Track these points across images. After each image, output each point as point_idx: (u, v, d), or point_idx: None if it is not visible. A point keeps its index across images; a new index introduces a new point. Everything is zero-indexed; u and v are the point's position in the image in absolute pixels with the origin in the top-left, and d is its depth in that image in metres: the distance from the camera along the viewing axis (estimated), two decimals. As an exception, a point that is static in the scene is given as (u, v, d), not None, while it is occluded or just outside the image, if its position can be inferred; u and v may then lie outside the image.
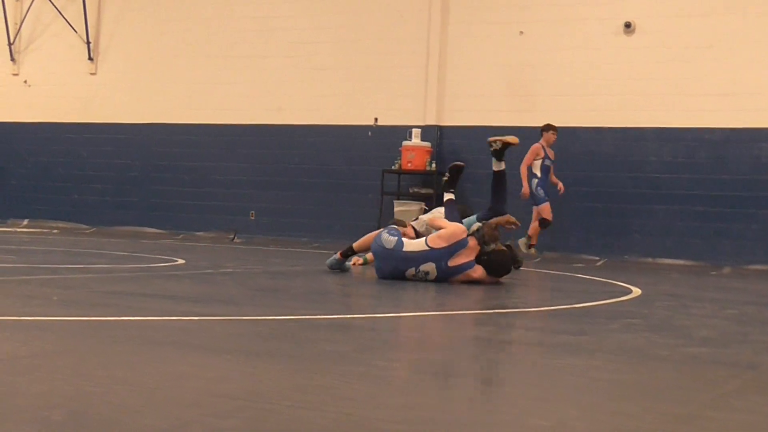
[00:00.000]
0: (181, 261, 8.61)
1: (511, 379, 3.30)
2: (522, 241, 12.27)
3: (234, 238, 14.30)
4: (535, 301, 6.26)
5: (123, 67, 16.01)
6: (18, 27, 16.75)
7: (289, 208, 14.61)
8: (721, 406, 2.91)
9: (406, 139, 13.43)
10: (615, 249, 12.61)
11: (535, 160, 12.17)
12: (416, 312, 5.72)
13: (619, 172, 12.78)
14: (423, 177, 13.62)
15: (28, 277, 6.20)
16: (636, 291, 7.24)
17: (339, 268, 7.93)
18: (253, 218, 14.81)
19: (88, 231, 15.20)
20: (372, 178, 13.93)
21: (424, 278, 7.12)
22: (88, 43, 16.11)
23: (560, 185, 12.42)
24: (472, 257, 7.13)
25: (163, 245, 11.86)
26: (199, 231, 14.90)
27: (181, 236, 14.53)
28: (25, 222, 16.16)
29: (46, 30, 16.64)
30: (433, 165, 13.38)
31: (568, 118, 13.01)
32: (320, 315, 4.80)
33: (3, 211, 16.46)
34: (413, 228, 8.20)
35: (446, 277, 7.11)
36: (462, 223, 7.67)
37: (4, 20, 16.59)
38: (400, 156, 13.51)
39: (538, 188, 12.16)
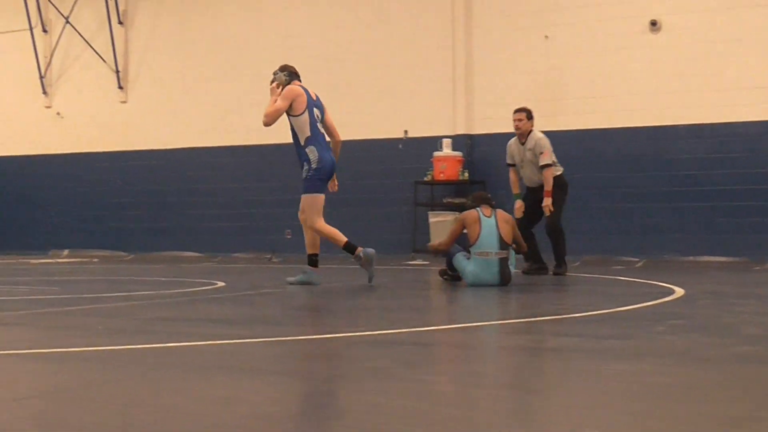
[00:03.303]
0: (221, 284, 8.65)
1: (560, 388, 3.27)
2: None
3: (272, 258, 14.34)
4: (578, 307, 6.22)
5: (153, 94, 16.16)
6: (48, 60, 16.96)
7: (325, 225, 14.61)
8: (774, 406, 2.87)
9: (437, 150, 13.42)
10: (654, 249, 12.50)
11: None
12: (458, 324, 5.71)
13: (654, 171, 12.68)
14: (456, 187, 13.59)
15: (71, 308, 6.26)
16: (678, 291, 7.16)
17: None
18: (289, 237, 14.84)
19: (127, 258, 15.33)
20: (405, 191, 13.94)
21: (321, 120, 8.28)
22: (117, 72, 16.28)
23: None
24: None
25: (202, 268, 11.93)
26: (236, 252, 14.97)
27: (218, 258, 14.61)
28: (66, 252, 16.33)
29: (76, 61, 16.84)
30: (466, 174, 13.35)
31: (598, 120, 12.94)
32: (361, 332, 4.80)
33: (44, 243, 16.64)
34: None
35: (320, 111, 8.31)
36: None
37: (34, 54, 16.81)
38: (432, 167, 13.50)
39: None
